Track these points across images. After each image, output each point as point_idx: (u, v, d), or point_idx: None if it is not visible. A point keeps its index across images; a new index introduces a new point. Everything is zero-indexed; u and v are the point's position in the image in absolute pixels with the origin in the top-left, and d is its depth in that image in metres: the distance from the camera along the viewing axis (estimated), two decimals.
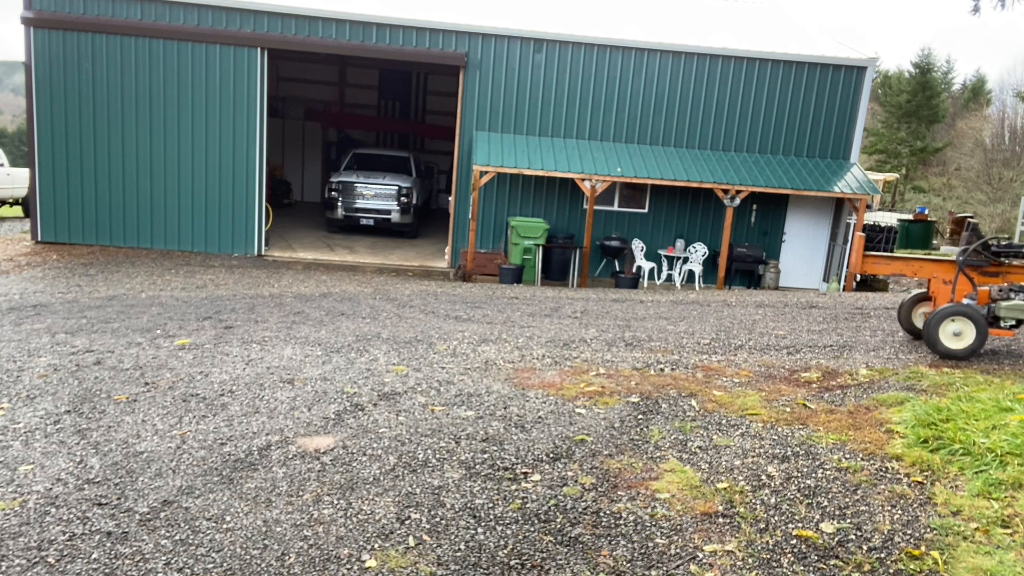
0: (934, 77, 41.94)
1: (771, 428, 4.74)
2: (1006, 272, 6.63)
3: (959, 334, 6.40)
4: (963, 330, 6.38)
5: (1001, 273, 6.63)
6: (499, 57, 15.01)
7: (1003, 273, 6.63)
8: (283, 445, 4.30)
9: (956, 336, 6.41)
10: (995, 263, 6.59)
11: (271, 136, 16.63)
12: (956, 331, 6.41)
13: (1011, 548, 3.21)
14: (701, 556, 3.21)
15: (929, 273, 6.89)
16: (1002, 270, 6.62)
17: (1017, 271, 6.61)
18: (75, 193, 14.48)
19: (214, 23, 14.24)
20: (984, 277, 6.65)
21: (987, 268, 6.63)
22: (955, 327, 6.40)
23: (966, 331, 6.37)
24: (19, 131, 40.26)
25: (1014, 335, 6.63)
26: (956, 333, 6.41)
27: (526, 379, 5.78)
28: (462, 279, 14.20)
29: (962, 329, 6.38)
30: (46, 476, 3.83)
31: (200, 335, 7.15)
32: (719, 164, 15.08)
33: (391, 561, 3.11)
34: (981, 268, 6.63)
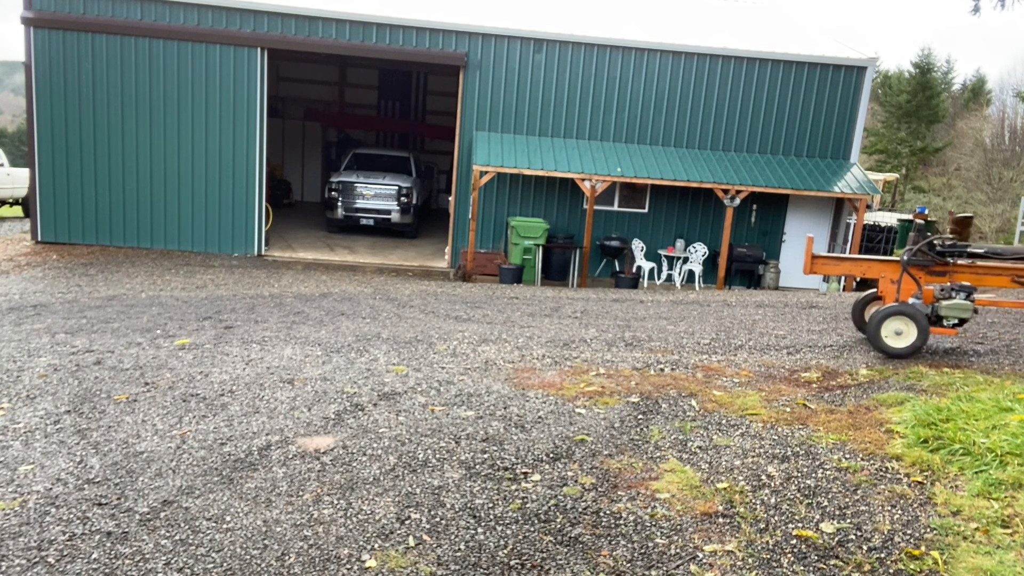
0: (934, 77, 41.94)
1: (771, 428, 4.74)
2: (952, 271, 6.70)
3: (900, 333, 6.50)
4: (904, 329, 6.47)
5: (948, 272, 6.69)
6: (499, 57, 15.01)
7: (950, 272, 6.70)
8: (283, 445, 4.30)
9: (898, 335, 6.51)
10: (941, 263, 6.66)
11: (271, 136, 16.64)
12: (897, 330, 6.50)
13: (1011, 548, 3.21)
14: (701, 556, 3.21)
15: (877, 273, 6.96)
16: (948, 269, 6.69)
17: (963, 271, 6.67)
18: (75, 193, 14.48)
19: (214, 23, 14.24)
20: (931, 277, 6.72)
21: (933, 268, 6.69)
22: (896, 326, 6.49)
23: (907, 330, 6.46)
24: (19, 131, 40.27)
25: (956, 333, 6.71)
26: (898, 332, 6.51)
27: (526, 379, 5.78)
28: (462, 279, 14.20)
29: (903, 328, 6.48)
30: (46, 476, 3.83)
31: (200, 335, 7.15)
32: (719, 164, 15.09)
33: (391, 561, 3.11)
34: (927, 268, 6.69)
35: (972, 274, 6.68)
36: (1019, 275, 6.53)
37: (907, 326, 6.44)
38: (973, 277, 6.69)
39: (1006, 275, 6.59)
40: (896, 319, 6.47)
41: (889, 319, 6.48)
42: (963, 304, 6.41)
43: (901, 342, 6.49)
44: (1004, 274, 6.59)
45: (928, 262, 6.66)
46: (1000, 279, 6.64)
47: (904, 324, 6.45)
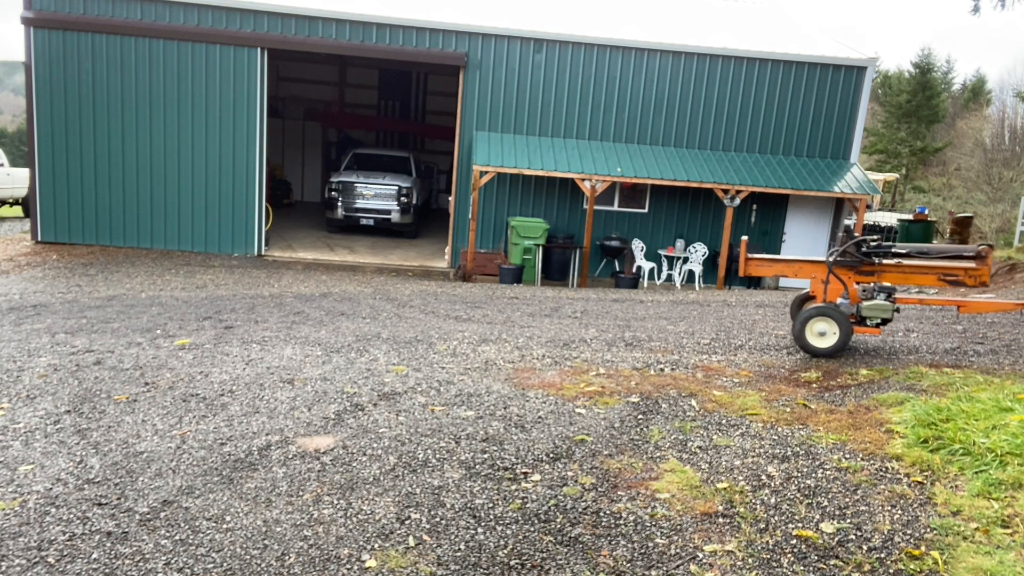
0: (934, 77, 41.93)
1: (771, 428, 4.74)
2: (881, 271, 6.76)
3: (824, 333, 6.61)
4: (827, 329, 6.58)
5: (876, 272, 6.76)
6: (499, 57, 15.01)
7: (878, 272, 6.77)
8: (283, 445, 4.30)
9: (821, 335, 6.62)
10: (868, 263, 6.73)
11: (271, 136, 16.64)
12: (821, 331, 6.61)
13: (1011, 548, 3.20)
14: (701, 556, 3.21)
15: (808, 274, 7.06)
16: (877, 269, 6.76)
17: (891, 271, 6.75)
18: (75, 193, 14.48)
19: (214, 23, 14.24)
20: (861, 277, 6.79)
21: (862, 268, 6.76)
22: (820, 327, 6.60)
23: (830, 331, 6.57)
24: (19, 131, 40.27)
25: (880, 332, 6.81)
26: (821, 333, 6.61)
27: (526, 379, 5.78)
28: (462, 279, 14.20)
29: (826, 329, 6.58)
30: (46, 476, 3.83)
31: (200, 335, 7.15)
32: (719, 164, 15.08)
33: (391, 561, 3.11)
34: (856, 268, 6.76)
35: (900, 273, 6.74)
36: (946, 273, 6.62)
37: (830, 327, 6.56)
38: (901, 276, 6.76)
39: (933, 274, 6.69)
40: (820, 320, 6.59)
41: (813, 320, 6.60)
42: (884, 305, 6.50)
43: (824, 342, 6.60)
44: (931, 273, 6.68)
45: (855, 262, 6.73)
46: (927, 278, 6.72)
47: (827, 325, 6.57)
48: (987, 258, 6.52)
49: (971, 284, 6.56)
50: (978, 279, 6.51)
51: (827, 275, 6.77)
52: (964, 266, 6.55)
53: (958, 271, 6.55)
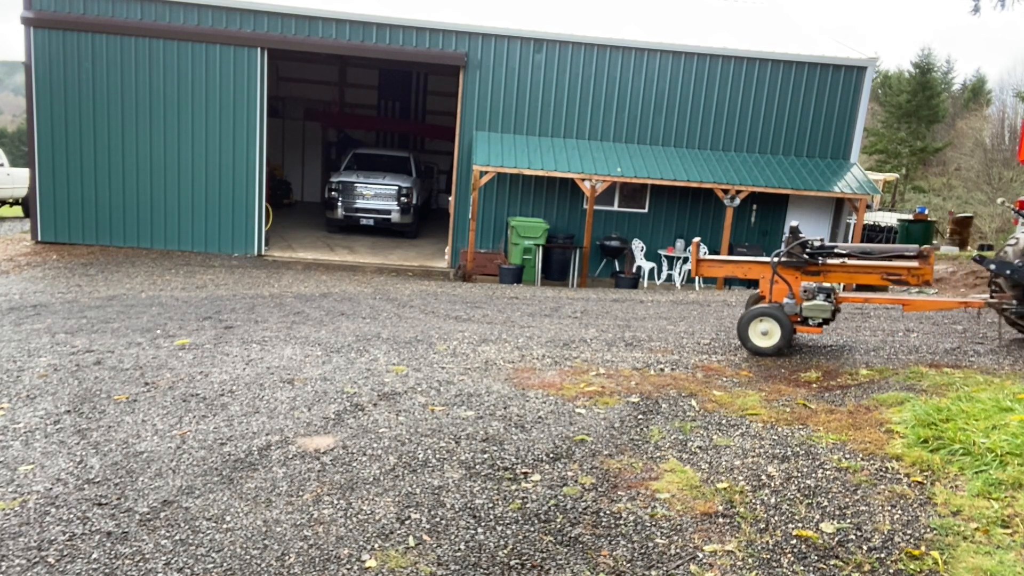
0: (934, 77, 41.93)
1: (771, 428, 4.74)
2: (827, 271, 6.85)
3: (767, 333, 6.72)
4: (770, 329, 6.70)
5: (823, 272, 6.86)
6: (499, 57, 15.01)
7: (824, 272, 6.86)
8: (283, 445, 4.30)
9: (764, 335, 6.74)
10: (813, 264, 6.82)
11: (271, 136, 16.65)
12: (764, 331, 6.73)
13: (1011, 548, 3.20)
14: (701, 556, 3.21)
15: (757, 274, 7.16)
16: (823, 269, 6.83)
17: (837, 270, 6.83)
18: (75, 193, 14.48)
19: (214, 23, 14.24)
20: (807, 277, 6.88)
21: (808, 268, 6.82)
22: (763, 327, 6.72)
23: (772, 330, 6.69)
24: (19, 131, 40.27)
25: (822, 331, 6.92)
26: (764, 332, 6.73)
27: (526, 379, 5.78)
28: (462, 279, 14.20)
29: (769, 329, 6.70)
30: (46, 476, 3.83)
31: (200, 335, 7.15)
32: (719, 164, 15.09)
33: (391, 561, 3.11)
34: (802, 268, 6.85)
35: (845, 273, 6.83)
36: (889, 272, 6.71)
37: (772, 327, 6.69)
38: (846, 276, 6.84)
39: (876, 273, 6.77)
40: (762, 320, 6.72)
41: (755, 320, 6.73)
42: (822, 305, 6.61)
43: (767, 342, 6.72)
44: (875, 272, 6.76)
45: (801, 263, 6.80)
46: (871, 277, 6.79)
47: (770, 325, 6.70)
48: (929, 258, 6.61)
49: (914, 283, 6.64)
50: (921, 278, 6.58)
51: (772, 276, 6.89)
52: (907, 266, 6.62)
53: (901, 270, 6.63)
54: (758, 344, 6.75)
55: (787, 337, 6.64)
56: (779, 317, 6.64)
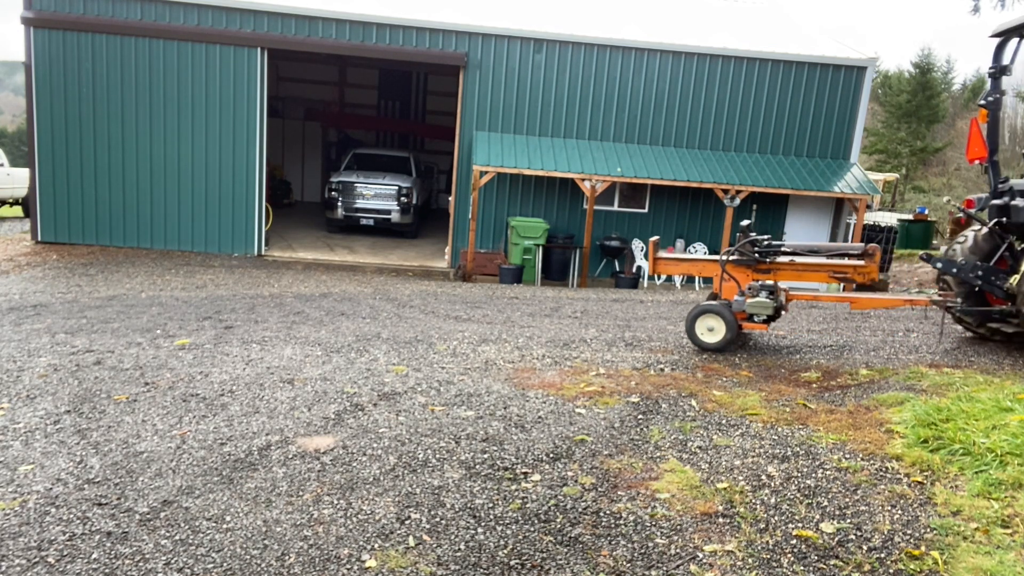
0: (934, 77, 41.91)
1: (771, 428, 4.74)
2: (777, 270, 6.98)
3: (712, 329, 6.87)
4: (715, 326, 6.86)
5: (773, 271, 6.98)
6: (499, 57, 15.01)
7: (774, 271, 6.98)
8: (283, 445, 4.30)
9: (710, 331, 6.88)
10: (761, 262, 6.95)
11: (271, 136, 16.66)
12: (710, 327, 6.88)
13: (1011, 548, 3.20)
14: (701, 556, 3.21)
15: (711, 272, 7.30)
16: (773, 268, 6.98)
17: (786, 268, 6.96)
18: (75, 193, 14.48)
19: (214, 23, 14.24)
20: (759, 275, 7.01)
21: (759, 266, 6.97)
22: (709, 323, 6.87)
23: (717, 327, 6.84)
24: (19, 131, 40.27)
25: (767, 328, 7.00)
26: (710, 328, 6.88)
27: (526, 379, 5.78)
28: (462, 279, 14.20)
29: (714, 325, 6.86)
30: (46, 476, 3.83)
31: (200, 335, 7.15)
32: (719, 164, 15.09)
33: (391, 561, 3.11)
34: (753, 267, 6.98)
35: (794, 271, 6.98)
36: (836, 270, 6.85)
37: (717, 323, 6.84)
38: (795, 274, 6.99)
39: (824, 271, 6.92)
40: (707, 317, 6.87)
41: (701, 317, 6.89)
42: (764, 302, 6.70)
43: (713, 338, 6.87)
44: (822, 270, 6.90)
45: (751, 261, 6.95)
46: (819, 275, 6.95)
47: (715, 321, 6.85)
48: (875, 256, 6.73)
49: (860, 281, 6.76)
50: (867, 276, 6.69)
51: (721, 274, 7.05)
52: (854, 264, 6.76)
53: (847, 268, 6.77)
54: (704, 340, 6.89)
55: (732, 333, 6.77)
56: (723, 314, 6.78)
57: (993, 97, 6.66)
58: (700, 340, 6.93)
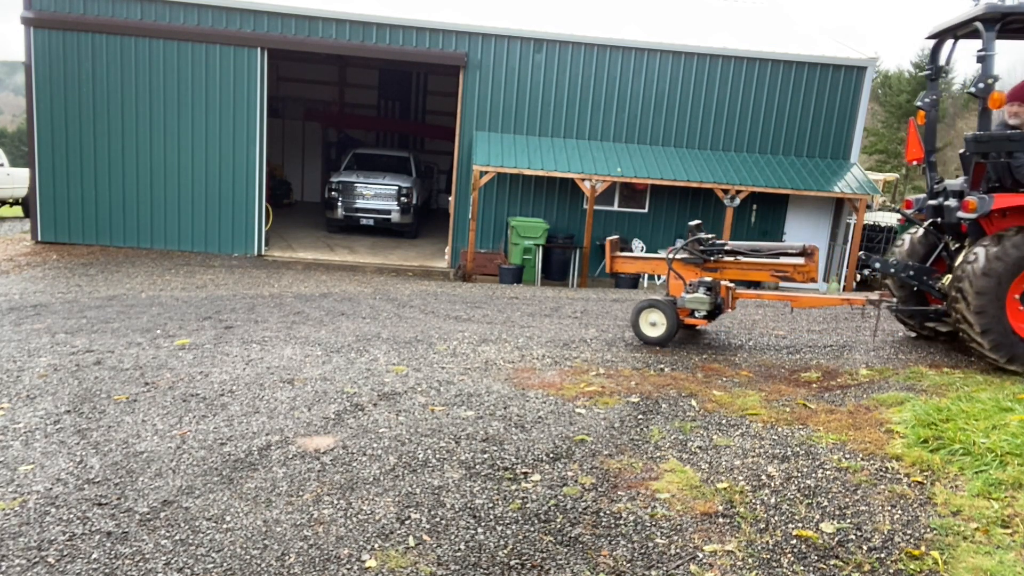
0: None
1: (771, 428, 4.74)
2: (723, 268, 7.21)
3: (655, 324, 7.13)
4: (657, 320, 7.11)
5: (720, 269, 7.21)
6: (499, 57, 15.01)
7: (722, 269, 7.21)
8: (283, 445, 4.30)
9: (653, 325, 7.14)
10: (708, 261, 7.18)
11: (271, 136, 16.66)
12: (653, 321, 7.14)
13: (1011, 548, 3.20)
14: (701, 556, 3.21)
15: (664, 270, 7.52)
16: (720, 266, 7.20)
17: (731, 267, 7.18)
18: (75, 193, 14.48)
19: (214, 23, 14.24)
20: (707, 273, 7.24)
21: (707, 265, 7.20)
22: (652, 318, 7.14)
23: (660, 321, 7.09)
24: (19, 131, 40.27)
25: (708, 324, 7.30)
26: (653, 323, 7.14)
27: (526, 379, 5.78)
28: (462, 279, 14.20)
29: (656, 320, 7.12)
30: (46, 476, 3.83)
31: (200, 335, 7.15)
32: (719, 164, 15.09)
33: (391, 561, 3.11)
34: (701, 265, 7.22)
35: (739, 270, 7.20)
36: (777, 270, 7.06)
37: (660, 318, 7.10)
38: (740, 272, 7.22)
39: (766, 270, 7.13)
40: (651, 311, 7.15)
41: (645, 311, 7.17)
42: (701, 298, 6.96)
43: (656, 331, 7.12)
44: (764, 269, 7.12)
45: (698, 259, 7.19)
46: (762, 274, 7.17)
47: (658, 316, 7.12)
48: (813, 255, 6.93)
49: (800, 280, 6.98)
50: (807, 275, 6.91)
51: (668, 272, 7.33)
52: (794, 263, 6.96)
53: (788, 268, 6.99)
54: (647, 334, 7.14)
55: (673, 328, 7.03)
56: (665, 309, 7.06)
57: (930, 99, 6.74)
58: (643, 334, 7.17)
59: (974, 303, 5.88)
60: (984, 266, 5.86)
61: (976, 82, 5.99)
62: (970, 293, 5.89)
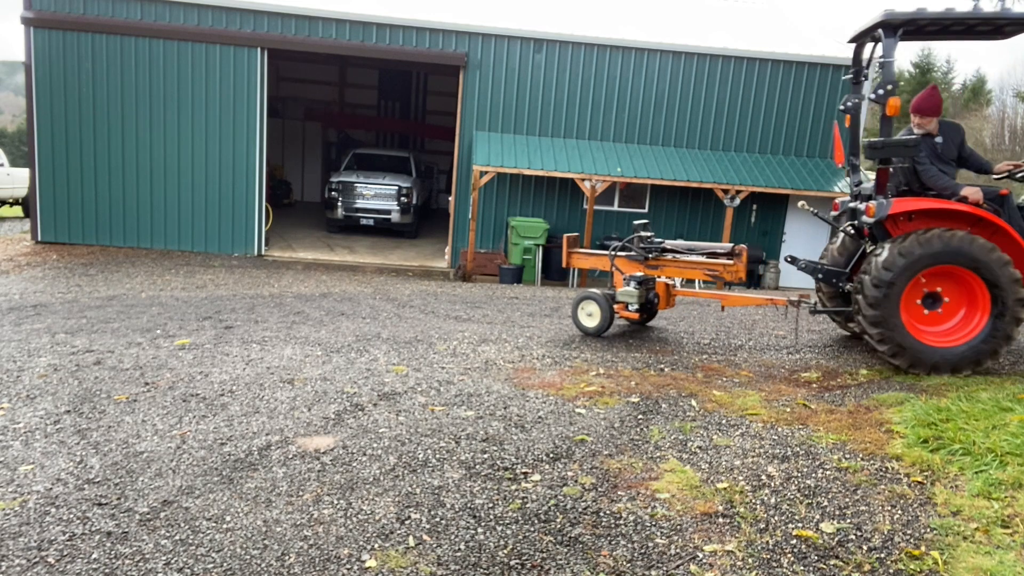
0: (934, 77, 41.91)
1: (771, 428, 4.74)
2: (663, 266, 7.48)
3: (591, 315, 7.46)
4: (593, 312, 7.44)
5: (660, 267, 7.49)
6: (499, 57, 15.02)
7: (662, 266, 7.49)
8: (283, 445, 4.30)
9: (589, 316, 7.46)
10: (648, 258, 7.47)
11: (271, 136, 16.66)
12: (590, 312, 7.47)
13: (1011, 548, 3.20)
14: (701, 556, 3.21)
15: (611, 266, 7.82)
16: (660, 264, 7.48)
17: (670, 265, 7.46)
18: (75, 193, 14.48)
19: (214, 23, 14.25)
20: (648, 270, 7.52)
21: (648, 262, 7.48)
22: (589, 309, 7.47)
23: (595, 312, 7.42)
24: (19, 131, 40.27)
25: (638, 317, 7.58)
26: (590, 314, 7.47)
27: (526, 379, 5.78)
28: (462, 279, 14.20)
29: (592, 311, 7.44)
30: (46, 476, 3.83)
31: (200, 335, 7.15)
32: (719, 164, 15.09)
33: (391, 561, 3.11)
34: (643, 262, 7.50)
35: (677, 268, 7.47)
36: (710, 269, 7.28)
37: (595, 309, 7.42)
38: (677, 270, 7.49)
39: (700, 269, 7.38)
40: (587, 303, 7.49)
41: (582, 302, 7.51)
42: (631, 291, 7.30)
43: (592, 322, 7.45)
44: (699, 268, 7.37)
45: (639, 257, 7.49)
46: (696, 272, 7.44)
47: (593, 307, 7.44)
48: (741, 256, 7.15)
49: (729, 279, 7.21)
50: (735, 275, 7.13)
51: (611, 267, 7.64)
52: (724, 263, 7.18)
53: (718, 267, 7.21)
54: (584, 324, 7.50)
55: (607, 319, 7.34)
56: (599, 301, 7.39)
57: (852, 102, 6.80)
58: (581, 324, 7.52)
59: (868, 306, 5.87)
60: (879, 269, 5.86)
61: (876, 88, 6.04)
62: (866, 295, 5.90)
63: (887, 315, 5.79)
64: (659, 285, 7.61)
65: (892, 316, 5.79)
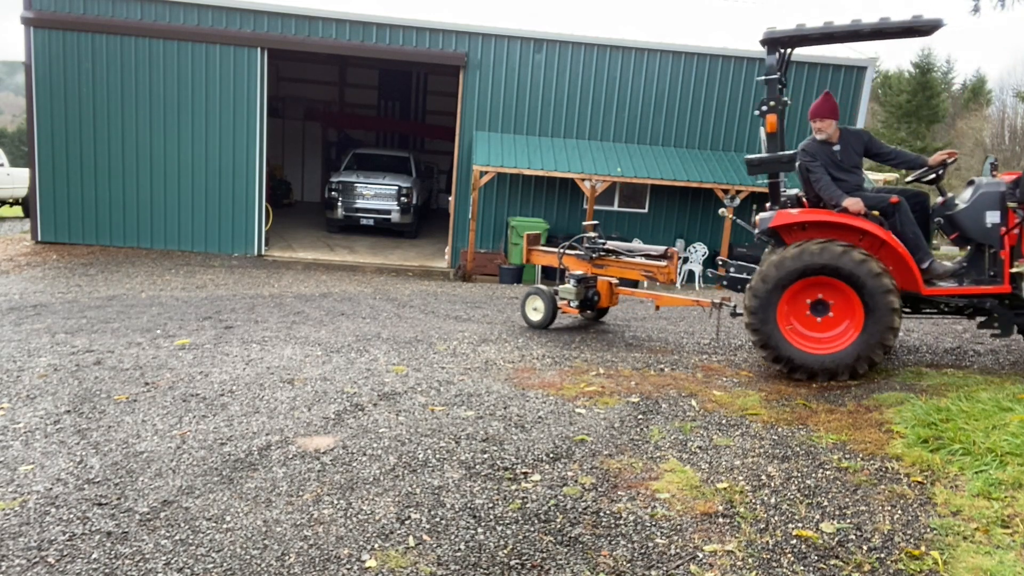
0: (934, 77, 41.89)
1: (771, 428, 4.74)
2: (607, 265, 7.79)
3: (536, 309, 7.90)
4: (538, 306, 7.89)
5: (606, 266, 7.80)
6: (499, 57, 15.01)
7: (607, 266, 7.79)
8: (283, 445, 4.30)
9: (535, 310, 7.92)
10: (593, 257, 7.78)
11: (271, 136, 16.66)
12: (535, 307, 7.91)
13: (1011, 548, 3.20)
14: (701, 556, 3.21)
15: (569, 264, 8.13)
16: (604, 263, 7.79)
17: (613, 265, 7.76)
18: (75, 193, 14.48)
19: (214, 23, 14.24)
20: (595, 269, 7.84)
21: (595, 260, 7.79)
22: (535, 304, 7.92)
23: (540, 307, 7.87)
24: (19, 131, 40.26)
25: (577, 312, 8.01)
26: (535, 308, 7.92)
27: (526, 379, 5.78)
28: (462, 279, 14.20)
29: (538, 305, 7.89)
30: (46, 476, 3.83)
31: (200, 335, 7.15)
32: (719, 164, 15.08)
33: (391, 561, 3.11)
34: (590, 261, 7.80)
35: (619, 268, 7.76)
36: (646, 270, 7.56)
37: (540, 304, 7.87)
38: (619, 270, 7.78)
39: (638, 269, 7.64)
40: (534, 298, 7.94)
41: (529, 297, 7.97)
42: (569, 288, 7.74)
43: (536, 316, 7.90)
44: (637, 268, 7.65)
45: (586, 256, 7.80)
46: (635, 272, 7.70)
47: (539, 302, 7.88)
48: (672, 258, 7.51)
49: (662, 280, 7.48)
50: (667, 276, 7.43)
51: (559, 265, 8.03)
52: (658, 264, 7.46)
53: (653, 268, 7.49)
54: (531, 317, 7.94)
55: (550, 314, 7.78)
56: (543, 297, 7.83)
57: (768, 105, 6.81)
58: (528, 318, 7.96)
59: (750, 314, 5.95)
60: (756, 280, 5.98)
61: (759, 104, 6.14)
62: (747, 304, 5.99)
63: (765, 323, 5.89)
64: (601, 283, 7.92)
65: (769, 324, 5.89)
